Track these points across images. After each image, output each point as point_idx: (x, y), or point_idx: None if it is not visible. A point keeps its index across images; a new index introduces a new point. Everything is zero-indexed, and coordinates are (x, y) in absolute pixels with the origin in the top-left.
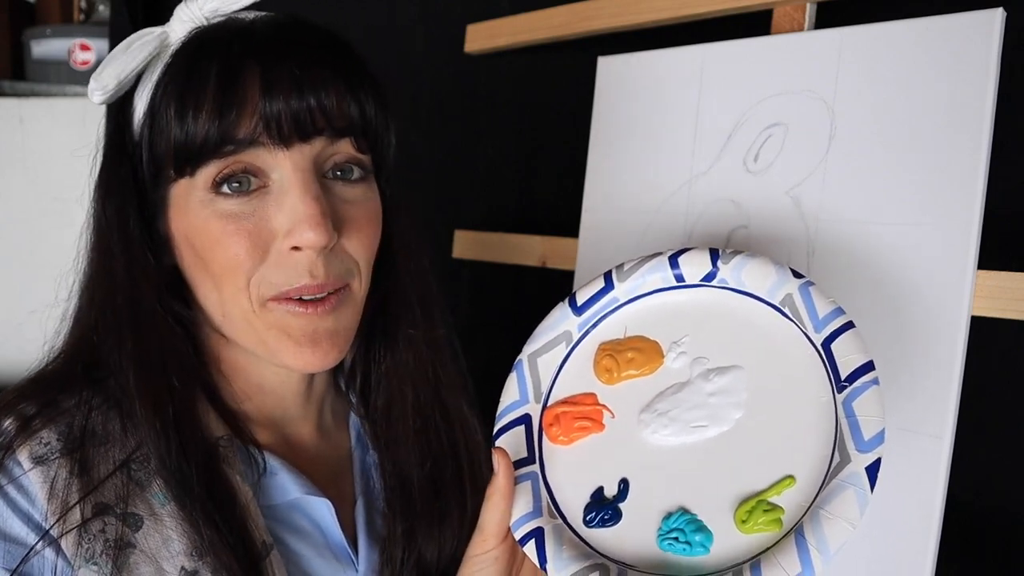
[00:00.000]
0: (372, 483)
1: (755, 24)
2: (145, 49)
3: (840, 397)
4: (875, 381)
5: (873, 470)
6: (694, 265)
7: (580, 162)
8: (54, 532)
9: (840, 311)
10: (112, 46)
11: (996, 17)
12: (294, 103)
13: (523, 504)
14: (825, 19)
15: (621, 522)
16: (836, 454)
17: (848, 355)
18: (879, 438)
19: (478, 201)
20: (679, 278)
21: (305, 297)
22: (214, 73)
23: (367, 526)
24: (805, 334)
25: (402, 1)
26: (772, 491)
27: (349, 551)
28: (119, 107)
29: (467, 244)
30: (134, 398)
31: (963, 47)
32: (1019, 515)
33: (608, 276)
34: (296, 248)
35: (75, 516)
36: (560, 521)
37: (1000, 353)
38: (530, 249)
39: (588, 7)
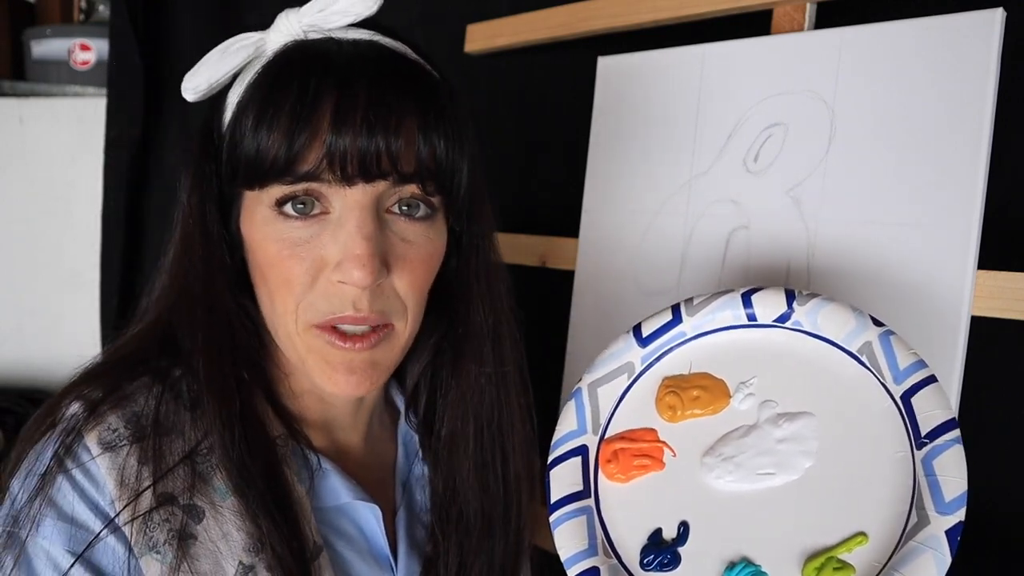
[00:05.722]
0: (415, 495)
1: (755, 24)
2: (240, 54)
3: (920, 454)
4: (958, 440)
5: (954, 534)
6: (768, 305)
7: (580, 162)
8: (121, 519)
9: (922, 364)
10: (112, 46)
11: (996, 17)
12: (361, 144)
13: (578, 541)
14: (825, 19)
15: (680, 567)
16: (913, 513)
17: (930, 410)
18: (960, 500)
19: None
20: (751, 317)
21: (347, 329)
22: (292, 97)
23: (408, 536)
24: (883, 384)
25: (402, 1)
26: (843, 548)
27: (390, 558)
28: (212, 102)
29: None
30: (203, 387)
31: (963, 47)
32: (1019, 515)
33: (676, 309)
34: (342, 282)
35: (141, 504)
36: (615, 561)
37: (1000, 353)
38: (530, 249)
39: (588, 7)
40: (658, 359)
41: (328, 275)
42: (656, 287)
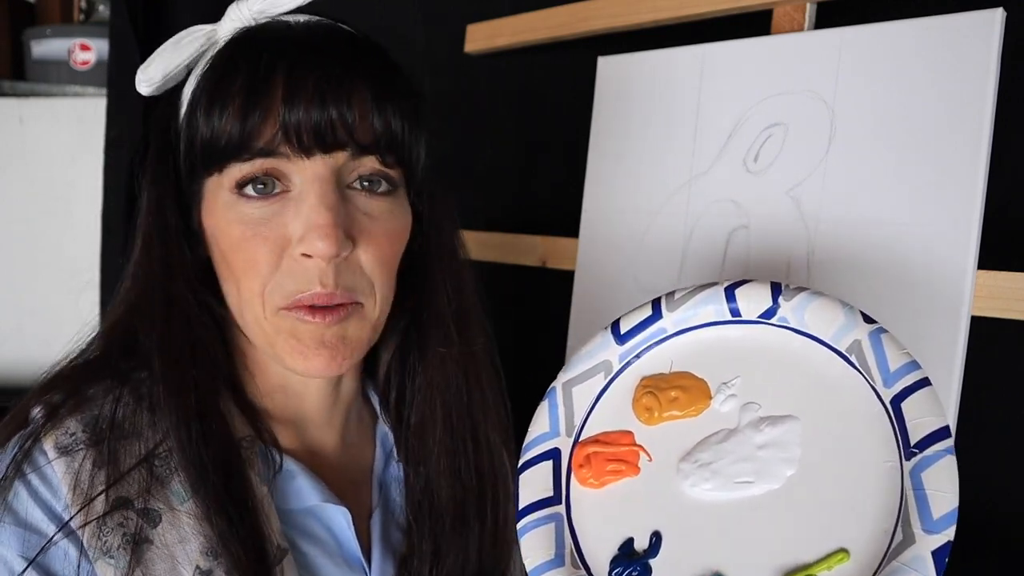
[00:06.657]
0: (392, 496)
1: (755, 24)
2: (193, 45)
3: (908, 464)
4: (949, 451)
5: (941, 556)
6: (752, 300)
7: (580, 162)
8: (74, 523)
9: (915, 365)
10: (112, 46)
11: (996, 17)
12: (315, 115)
13: (545, 550)
14: (825, 19)
15: None
16: (899, 530)
17: (920, 417)
18: (950, 518)
19: (478, 201)
20: (735, 312)
21: (316, 305)
22: (242, 76)
23: (382, 539)
24: (872, 387)
25: (402, 1)
26: (821, 565)
27: (363, 562)
28: (168, 98)
29: (467, 244)
30: (160, 388)
31: (963, 47)
32: (1019, 515)
33: (656, 304)
34: (307, 255)
35: (95, 508)
36: (583, 572)
37: (1000, 353)
38: (530, 249)
39: (588, 7)
40: (637, 357)
41: (292, 251)
42: (656, 287)
